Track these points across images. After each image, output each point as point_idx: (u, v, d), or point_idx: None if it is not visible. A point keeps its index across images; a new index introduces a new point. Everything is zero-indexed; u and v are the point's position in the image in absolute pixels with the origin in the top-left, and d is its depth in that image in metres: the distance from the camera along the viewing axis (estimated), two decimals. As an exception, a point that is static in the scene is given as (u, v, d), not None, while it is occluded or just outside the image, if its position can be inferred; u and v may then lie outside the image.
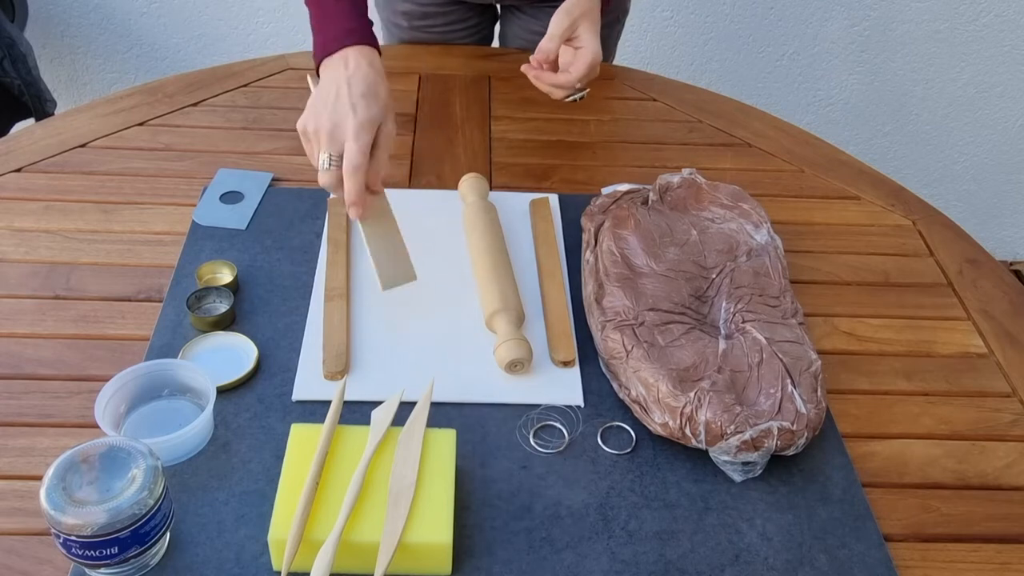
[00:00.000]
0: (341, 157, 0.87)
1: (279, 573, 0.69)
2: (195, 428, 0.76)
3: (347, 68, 0.91)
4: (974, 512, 0.79)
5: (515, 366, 0.85)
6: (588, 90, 1.10)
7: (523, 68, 1.08)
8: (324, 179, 0.89)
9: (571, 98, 1.09)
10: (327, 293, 0.93)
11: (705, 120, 1.26)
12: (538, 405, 0.84)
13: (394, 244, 0.93)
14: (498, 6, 1.42)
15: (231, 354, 0.86)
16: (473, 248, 0.97)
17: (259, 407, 0.82)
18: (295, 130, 1.18)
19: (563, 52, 1.08)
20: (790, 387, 0.80)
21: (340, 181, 0.87)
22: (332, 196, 1.05)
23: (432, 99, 1.27)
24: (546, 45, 1.04)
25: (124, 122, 1.18)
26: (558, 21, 1.04)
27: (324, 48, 0.94)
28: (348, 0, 0.96)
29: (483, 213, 0.99)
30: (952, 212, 1.30)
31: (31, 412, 0.81)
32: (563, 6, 1.05)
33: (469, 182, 1.03)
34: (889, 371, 0.91)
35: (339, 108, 0.88)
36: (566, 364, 0.88)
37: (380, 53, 0.95)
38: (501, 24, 1.46)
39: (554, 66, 1.08)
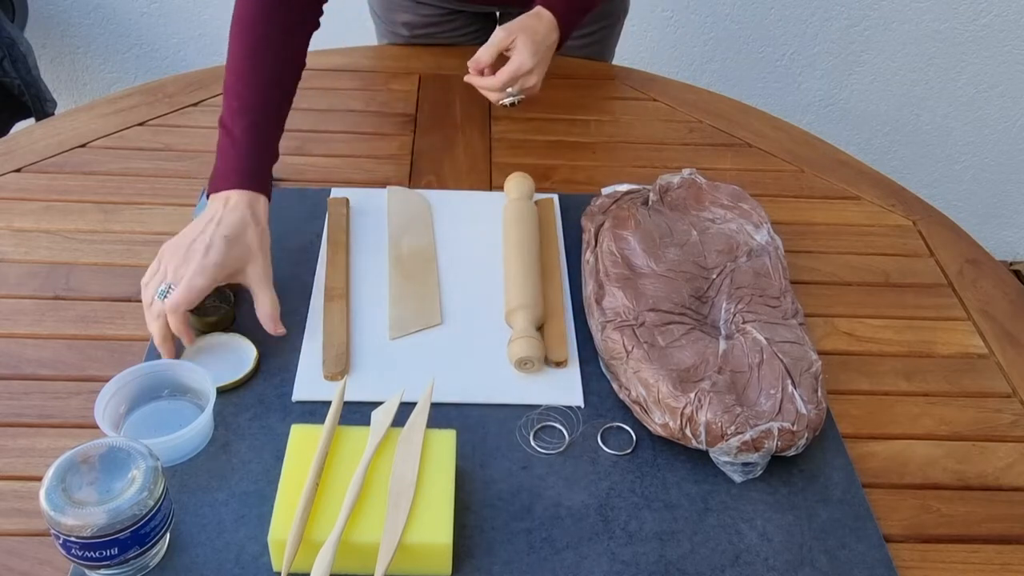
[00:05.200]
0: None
1: (279, 574, 0.69)
2: (195, 428, 0.76)
3: (224, 207, 0.87)
4: (974, 513, 0.78)
5: (525, 363, 0.85)
6: (523, 96, 1.10)
7: (466, 78, 1.11)
8: (149, 313, 0.83)
9: (504, 101, 1.09)
10: (327, 293, 0.93)
11: (705, 120, 1.26)
12: (538, 406, 0.84)
13: (423, 289, 0.95)
14: (497, 12, 1.42)
15: (231, 355, 0.86)
16: (505, 244, 0.98)
17: (259, 407, 0.82)
18: (295, 130, 1.18)
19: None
20: (790, 388, 0.80)
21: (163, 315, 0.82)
22: (332, 196, 1.06)
23: (432, 99, 1.27)
24: (480, 54, 1.08)
25: (124, 122, 1.18)
26: (496, 34, 1.08)
27: (215, 181, 0.90)
28: (252, 138, 0.91)
29: (521, 211, 1.00)
30: (952, 212, 1.30)
31: (31, 412, 0.81)
32: (506, 24, 1.09)
33: (514, 180, 1.04)
34: (889, 371, 0.91)
35: (195, 245, 0.84)
36: (559, 365, 0.88)
37: (269, 200, 0.91)
38: (501, 28, 1.46)
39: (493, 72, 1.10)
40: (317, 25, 1.02)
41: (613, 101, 1.29)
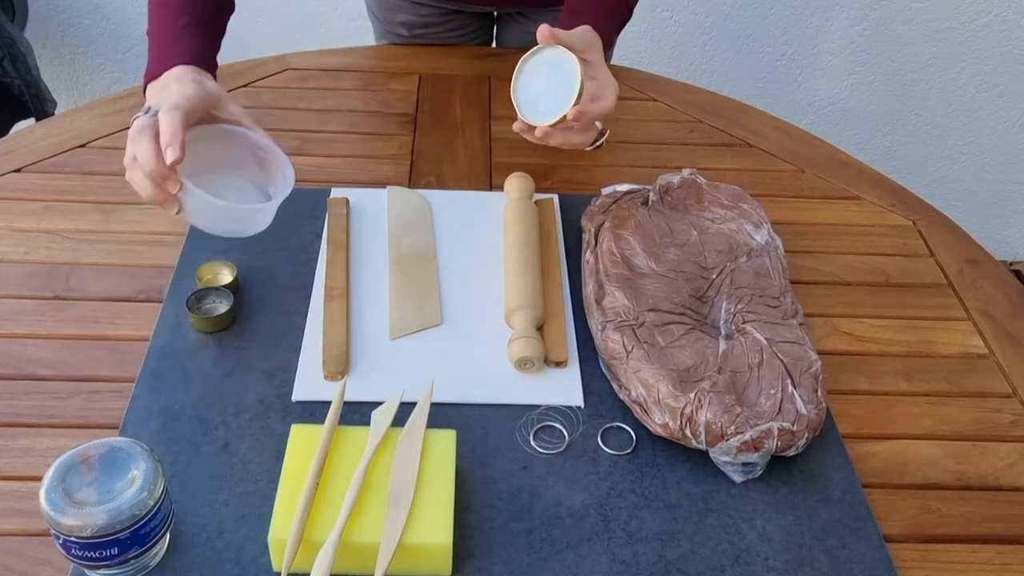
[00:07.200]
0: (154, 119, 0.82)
1: (279, 574, 0.69)
2: (253, 208, 0.78)
3: (175, 81, 0.87)
4: (974, 513, 0.78)
5: (525, 363, 0.86)
6: (608, 131, 1.02)
7: (518, 129, 0.95)
8: (133, 133, 0.82)
9: (594, 145, 1.02)
10: (327, 293, 0.93)
11: (705, 120, 1.26)
12: (538, 406, 0.84)
13: (423, 289, 0.95)
14: (495, 12, 1.43)
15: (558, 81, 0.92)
16: (505, 244, 0.98)
17: (259, 407, 0.82)
18: (295, 130, 1.19)
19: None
20: (790, 388, 0.80)
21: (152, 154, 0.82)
22: (332, 196, 1.06)
23: (432, 99, 1.27)
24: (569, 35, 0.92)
25: (124, 122, 1.18)
26: (585, 37, 0.94)
27: (149, 72, 0.89)
28: (193, 25, 0.90)
29: (521, 211, 1.00)
30: (952, 212, 1.30)
31: (31, 412, 0.81)
32: (575, 35, 0.95)
33: (514, 180, 1.04)
34: (889, 371, 0.91)
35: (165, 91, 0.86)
36: (559, 365, 0.88)
37: (208, 70, 0.89)
38: (498, 28, 1.46)
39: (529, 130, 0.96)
40: None
41: (613, 101, 1.29)
